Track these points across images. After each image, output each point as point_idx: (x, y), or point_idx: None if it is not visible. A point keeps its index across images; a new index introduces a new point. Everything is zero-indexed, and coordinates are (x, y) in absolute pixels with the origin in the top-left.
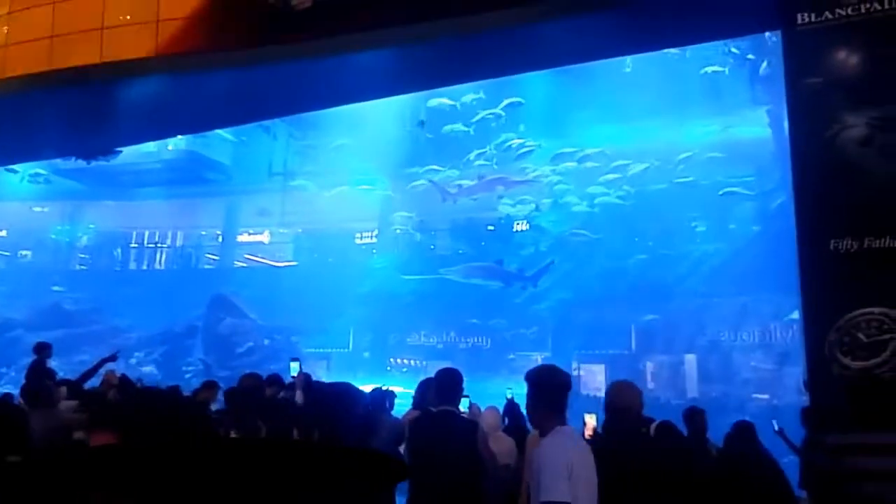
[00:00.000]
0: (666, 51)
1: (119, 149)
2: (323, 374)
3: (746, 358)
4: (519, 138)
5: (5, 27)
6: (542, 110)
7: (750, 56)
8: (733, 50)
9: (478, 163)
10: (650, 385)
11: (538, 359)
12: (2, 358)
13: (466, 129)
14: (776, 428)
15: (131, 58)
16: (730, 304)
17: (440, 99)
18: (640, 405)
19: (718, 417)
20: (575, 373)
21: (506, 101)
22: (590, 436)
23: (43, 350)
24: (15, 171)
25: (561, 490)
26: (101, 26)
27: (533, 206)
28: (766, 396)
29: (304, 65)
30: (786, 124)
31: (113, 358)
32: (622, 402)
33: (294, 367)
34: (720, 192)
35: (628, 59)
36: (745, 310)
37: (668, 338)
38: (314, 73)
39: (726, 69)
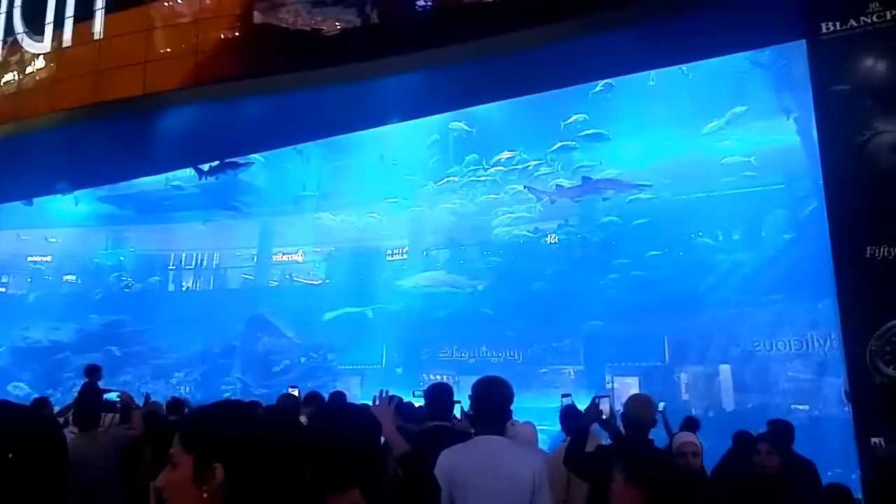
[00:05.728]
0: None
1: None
2: (357, 391)
3: (783, 368)
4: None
5: (53, 63)
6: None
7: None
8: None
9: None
10: (684, 396)
11: (570, 372)
12: (50, 380)
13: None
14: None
15: (171, 88)
16: (764, 314)
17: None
18: (652, 420)
19: (760, 427)
20: (609, 385)
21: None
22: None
23: (94, 373)
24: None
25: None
26: (144, 60)
27: (563, 219)
28: (805, 407)
29: (335, 89)
30: (814, 132)
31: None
32: (638, 416)
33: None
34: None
35: (652, 73)
36: (781, 319)
37: (701, 348)
38: (344, 97)
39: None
